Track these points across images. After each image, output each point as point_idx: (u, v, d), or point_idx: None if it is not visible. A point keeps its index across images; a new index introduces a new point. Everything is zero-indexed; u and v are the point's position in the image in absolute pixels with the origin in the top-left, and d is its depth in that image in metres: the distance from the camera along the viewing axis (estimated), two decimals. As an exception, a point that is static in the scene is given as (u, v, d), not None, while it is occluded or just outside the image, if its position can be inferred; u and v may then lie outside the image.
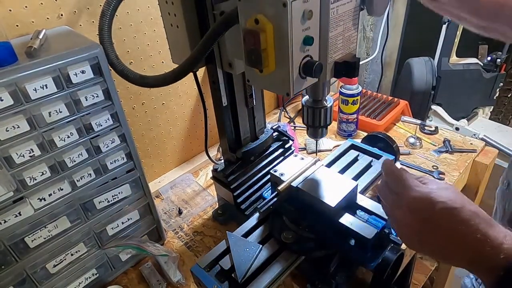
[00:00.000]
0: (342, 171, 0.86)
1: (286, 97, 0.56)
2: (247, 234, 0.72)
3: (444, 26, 1.83)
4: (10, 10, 0.69)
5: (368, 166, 0.88)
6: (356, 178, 0.84)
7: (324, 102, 0.65)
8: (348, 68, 0.56)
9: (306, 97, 0.66)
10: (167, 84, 0.65)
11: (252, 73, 0.57)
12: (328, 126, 0.70)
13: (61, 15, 0.76)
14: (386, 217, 0.67)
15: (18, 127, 0.58)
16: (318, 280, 0.69)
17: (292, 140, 0.96)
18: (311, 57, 0.54)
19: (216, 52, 0.71)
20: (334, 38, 0.55)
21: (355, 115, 1.18)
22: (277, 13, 0.48)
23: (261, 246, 0.67)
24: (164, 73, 0.65)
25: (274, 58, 0.52)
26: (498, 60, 1.85)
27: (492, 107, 2.02)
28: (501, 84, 1.91)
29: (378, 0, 0.55)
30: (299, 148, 1.13)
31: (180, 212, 0.99)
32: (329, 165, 0.88)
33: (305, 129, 0.71)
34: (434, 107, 1.97)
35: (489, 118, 2.03)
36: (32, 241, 0.66)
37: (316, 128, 0.68)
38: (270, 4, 0.49)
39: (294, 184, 0.73)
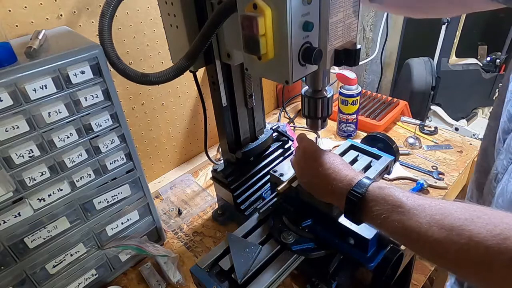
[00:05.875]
0: (342, 171, 0.86)
1: (286, 86, 0.54)
2: (246, 235, 0.71)
3: (444, 27, 1.83)
4: (9, 10, 0.69)
5: (368, 166, 0.88)
6: (356, 178, 0.84)
7: (324, 92, 0.64)
8: (348, 56, 0.55)
9: (306, 87, 0.65)
10: (169, 80, 0.64)
11: (250, 61, 0.55)
12: (327, 119, 0.69)
13: (61, 15, 0.76)
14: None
15: (18, 127, 0.58)
16: (318, 281, 0.69)
17: (292, 141, 0.96)
18: (310, 43, 0.52)
19: (214, 43, 0.70)
20: (335, 25, 0.53)
21: (355, 115, 1.18)
22: None
23: (260, 246, 0.67)
24: (165, 69, 0.64)
25: (273, 44, 0.51)
26: (498, 60, 1.86)
27: (492, 107, 2.02)
28: (501, 84, 1.92)
29: None
30: (298, 149, 1.13)
31: (179, 213, 0.99)
32: (329, 165, 0.88)
33: (305, 129, 0.71)
34: (433, 107, 1.97)
35: (488, 119, 2.03)
36: (32, 241, 0.66)
37: (315, 119, 0.68)
38: None
39: (293, 184, 0.73)
